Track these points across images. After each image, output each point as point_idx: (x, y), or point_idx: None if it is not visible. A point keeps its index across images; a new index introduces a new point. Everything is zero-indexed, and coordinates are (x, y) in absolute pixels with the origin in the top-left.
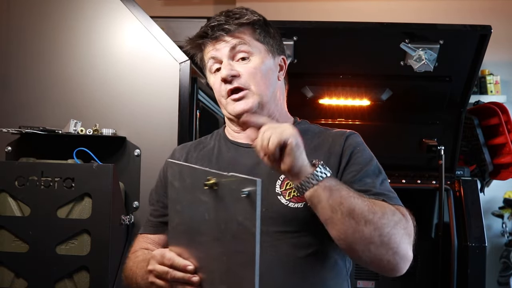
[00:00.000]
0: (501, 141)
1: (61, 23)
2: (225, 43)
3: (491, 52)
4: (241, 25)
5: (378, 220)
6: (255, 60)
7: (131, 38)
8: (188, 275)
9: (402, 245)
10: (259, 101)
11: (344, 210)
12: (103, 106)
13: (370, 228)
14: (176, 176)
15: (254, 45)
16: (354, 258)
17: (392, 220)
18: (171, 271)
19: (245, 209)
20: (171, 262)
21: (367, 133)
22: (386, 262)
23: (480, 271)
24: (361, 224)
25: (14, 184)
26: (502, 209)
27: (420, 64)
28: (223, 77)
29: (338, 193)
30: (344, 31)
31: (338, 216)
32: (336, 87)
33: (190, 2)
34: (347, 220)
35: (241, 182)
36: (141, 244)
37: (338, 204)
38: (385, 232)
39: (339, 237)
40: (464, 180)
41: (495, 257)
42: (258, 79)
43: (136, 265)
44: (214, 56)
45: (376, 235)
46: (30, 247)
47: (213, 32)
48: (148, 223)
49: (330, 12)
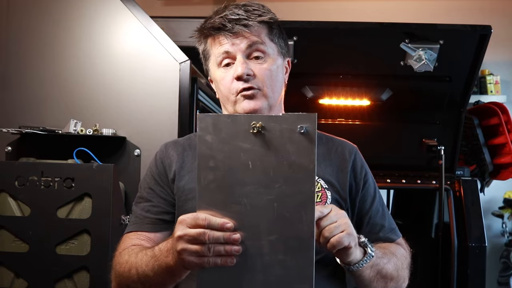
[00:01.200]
0: (501, 141)
1: (61, 23)
2: (243, 39)
3: (491, 52)
4: (261, 23)
5: (400, 274)
6: (269, 61)
7: (131, 38)
8: (228, 233)
9: (406, 280)
10: (268, 103)
11: (379, 277)
12: (103, 106)
13: (393, 282)
14: (208, 129)
15: (269, 45)
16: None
17: (406, 265)
18: (208, 232)
19: (301, 147)
20: (207, 221)
21: (367, 133)
22: None
23: (480, 271)
24: (388, 281)
25: (14, 184)
26: (502, 209)
27: (420, 64)
28: (239, 74)
29: (378, 267)
30: (344, 31)
31: (373, 284)
32: (336, 87)
33: (190, 2)
34: (379, 283)
35: (296, 119)
36: (132, 241)
37: (376, 275)
38: (401, 281)
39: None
40: (464, 180)
41: (495, 257)
42: (270, 81)
43: (135, 256)
44: (228, 51)
45: (394, 285)
46: (30, 247)
47: (232, 26)
48: (143, 220)
49: (330, 12)
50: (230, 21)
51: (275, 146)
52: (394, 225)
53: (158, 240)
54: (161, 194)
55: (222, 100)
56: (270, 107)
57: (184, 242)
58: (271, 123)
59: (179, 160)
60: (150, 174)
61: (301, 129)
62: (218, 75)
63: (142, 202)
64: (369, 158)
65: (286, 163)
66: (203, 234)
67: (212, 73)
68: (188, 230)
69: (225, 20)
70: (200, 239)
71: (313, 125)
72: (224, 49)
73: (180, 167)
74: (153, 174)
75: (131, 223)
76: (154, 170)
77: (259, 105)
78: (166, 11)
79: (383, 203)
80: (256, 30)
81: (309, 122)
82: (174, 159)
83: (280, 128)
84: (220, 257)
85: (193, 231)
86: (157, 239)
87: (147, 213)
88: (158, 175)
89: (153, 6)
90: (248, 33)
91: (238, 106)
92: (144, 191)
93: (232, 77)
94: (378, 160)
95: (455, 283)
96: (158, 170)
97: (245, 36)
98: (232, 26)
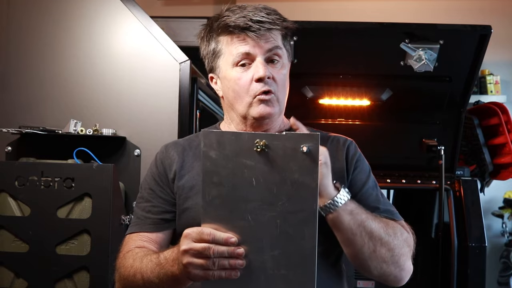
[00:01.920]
0: (501, 141)
1: (61, 23)
2: (266, 42)
3: (491, 52)
4: (281, 28)
5: (392, 241)
6: (283, 66)
7: (131, 38)
8: (232, 247)
9: (407, 261)
10: (279, 109)
11: (363, 233)
12: (103, 106)
13: (385, 249)
14: (213, 146)
15: (284, 50)
16: (363, 271)
17: (402, 240)
18: (213, 247)
19: (304, 165)
20: (212, 236)
21: (367, 133)
22: (393, 277)
23: (480, 271)
24: (378, 245)
25: (14, 184)
26: (502, 209)
27: (420, 64)
28: (261, 76)
29: (359, 216)
30: (344, 31)
31: (357, 238)
32: (336, 87)
33: (190, 2)
34: (366, 242)
35: (299, 138)
36: (135, 243)
37: (358, 227)
38: (396, 252)
39: (356, 256)
40: (464, 180)
41: (495, 257)
42: (283, 86)
43: (140, 261)
44: (249, 52)
45: (389, 255)
46: (30, 247)
47: (258, 27)
48: (145, 221)
49: (330, 12)
50: (255, 22)
51: (278, 164)
52: (393, 209)
53: (160, 240)
54: (161, 195)
55: (232, 100)
56: (280, 112)
57: (189, 256)
58: (275, 142)
59: (179, 160)
60: (151, 175)
61: (304, 149)
62: (233, 74)
63: (142, 202)
64: (369, 158)
65: (289, 181)
66: (208, 248)
67: (224, 71)
68: (193, 245)
69: (249, 21)
70: (205, 253)
71: (315, 145)
72: (245, 49)
73: (181, 166)
74: (154, 175)
75: (133, 223)
76: (155, 170)
77: (274, 111)
78: (166, 11)
79: (380, 192)
80: (276, 35)
81: (311, 142)
82: (175, 160)
83: (283, 147)
84: (224, 270)
85: (198, 246)
86: (159, 239)
87: (148, 213)
88: (158, 175)
89: (153, 6)
90: (271, 37)
91: (253, 109)
92: (145, 192)
93: (251, 78)
94: (378, 160)
95: (455, 283)
96: (158, 171)
97: (268, 40)
98: (258, 27)
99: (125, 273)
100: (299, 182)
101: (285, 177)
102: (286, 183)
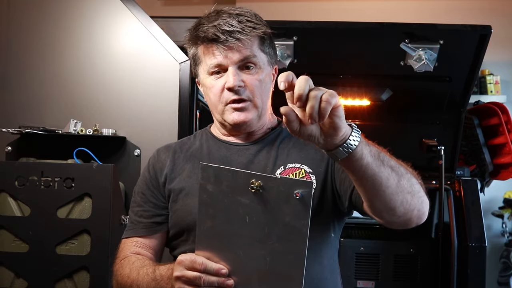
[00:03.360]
0: (501, 141)
1: (61, 23)
2: (235, 52)
3: (491, 52)
4: (254, 36)
5: (406, 171)
6: (259, 71)
7: (131, 38)
8: (222, 278)
9: (423, 192)
10: (257, 114)
11: (385, 163)
12: (103, 106)
13: (405, 179)
14: (210, 179)
15: (260, 56)
16: (387, 214)
17: (410, 170)
18: (204, 276)
19: (295, 211)
20: (204, 266)
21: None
22: (416, 212)
23: (480, 271)
24: (399, 174)
25: (14, 184)
26: (502, 209)
27: (420, 64)
28: (230, 86)
29: (374, 148)
30: (344, 31)
31: (382, 170)
32: (336, 87)
33: (190, 2)
34: (390, 173)
35: (293, 184)
36: (130, 249)
37: (378, 159)
38: (413, 181)
39: (383, 193)
40: (464, 180)
41: (495, 257)
42: (260, 91)
43: (136, 272)
44: (221, 63)
45: (409, 185)
46: (30, 247)
47: (226, 38)
48: (137, 225)
49: (330, 12)
50: (223, 33)
51: (271, 205)
52: None
53: (154, 245)
54: (152, 199)
55: (210, 106)
56: (259, 117)
57: (181, 283)
58: (269, 184)
59: (170, 163)
60: (143, 179)
61: (297, 195)
62: (209, 82)
63: (135, 207)
64: None
65: (281, 223)
66: (199, 278)
67: (202, 78)
68: (185, 272)
69: (218, 31)
70: (196, 282)
71: (309, 191)
72: (217, 61)
73: (171, 170)
74: (146, 180)
75: (127, 228)
76: (147, 175)
77: (249, 117)
78: (166, 11)
79: None
80: (248, 43)
81: (305, 188)
82: (166, 163)
83: (278, 190)
84: None
85: (190, 274)
86: (153, 244)
87: (140, 217)
88: (150, 180)
89: (153, 6)
90: (241, 47)
91: (227, 116)
92: (138, 196)
93: (222, 86)
94: None
95: (455, 283)
96: (150, 175)
97: (238, 50)
98: (226, 38)
99: (122, 281)
100: (291, 225)
101: (277, 218)
102: (278, 224)
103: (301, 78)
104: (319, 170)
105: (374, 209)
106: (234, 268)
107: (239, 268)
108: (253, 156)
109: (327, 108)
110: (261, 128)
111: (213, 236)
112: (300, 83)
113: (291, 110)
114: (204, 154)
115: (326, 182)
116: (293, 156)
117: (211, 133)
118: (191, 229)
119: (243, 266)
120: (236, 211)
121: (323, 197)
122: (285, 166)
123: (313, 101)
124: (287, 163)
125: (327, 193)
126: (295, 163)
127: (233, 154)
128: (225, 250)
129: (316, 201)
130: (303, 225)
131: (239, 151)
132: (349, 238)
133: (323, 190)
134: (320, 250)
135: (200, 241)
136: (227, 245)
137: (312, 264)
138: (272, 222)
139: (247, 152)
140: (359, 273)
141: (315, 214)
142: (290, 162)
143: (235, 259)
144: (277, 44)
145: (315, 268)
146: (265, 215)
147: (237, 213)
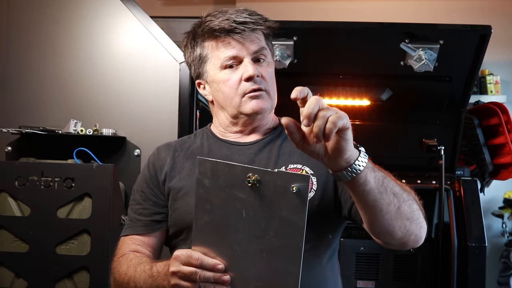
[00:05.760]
0: (501, 141)
1: (61, 23)
2: (251, 42)
3: (491, 52)
4: (265, 28)
5: (407, 197)
6: (269, 64)
7: (131, 38)
8: (218, 274)
9: (422, 217)
10: (271, 105)
11: (388, 190)
12: (103, 106)
13: (406, 206)
14: (207, 174)
15: (268, 50)
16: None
17: (412, 196)
18: (200, 271)
19: (292, 205)
20: (199, 261)
21: (367, 133)
22: (413, 236)
23: (480, 271)
24: (401, 201)
25: (14, 184)
26: (502, 209)
27: (420, 64)
28: (251, 75)
29: (379, 173)
30: (344, 31)
31: (384, 196)
32: (336, 87)
33: (190, 2)
34: (391, 200)
35: (290, 178)
36: (129, 247)
37: (382, 185)
38: (414, 208)
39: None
40: (464, 180)
41: (495, 257)
42: (272, 84)
43: (134, 269)
44: (237, 55)
45: (409, 212)
46: (30, 247)
47: (243, 28)
48: (136, 223)
49: (330, 12)
50: (239, 24)
51: (268, 199)
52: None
53: (153, 243)
54: (151, 197)
55: (222, 101)
56: (271, 108)
57: (177, 278)
58: (266, 178)
59: (170, 161)
60: (143, 177)
61: (294, 189)
62: (223, 76)
63: (134, 204)
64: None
65: (278, 218)
66: (195, 273)
67: (212, 75)
68: (181, 267)
69: (233, 22)
70: (192, 277)
71: (305, 185)
72: (233, 53)
73: (171, 168)
74: (145, 178)
75: (126, 226)
76: (146, 173)
77: (266, 105)
78: (166, 11)
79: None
80: (260, 36)
81: (302, 182)
82: (166, 162)
83: (275, 184)
84: None
85: (186, 269)
86: (152, 242)
87: (139, 215)
88: (150, 178)
89: (153, 6)
90: (257, 38)
91: (245, 106)
92: (137, 194)
93: (239, 78)
94: (378, 160)
95: (455, 283)
96: (150, 174)
97: (253, 41)
98: (243, 28)
99: (119, 279)
100: (287, 219)
101: (274, 213)
102: (275, 219)
103: (313, 98)
104: (320, 173)
105: (372, 230)
106: (230, 263)
107: (236, 264)
108: (254, 155)
109: (332, 129)
110: (266, 125)
111: (210, 231)
112: (310, 102)
113: (291, 122)
114: (205, 153)
115: (327, 185)
116: (295, 157)
117: (211, 132)
118: (190, 228)
119: (239, 262)
120: (232, 205)
121: (323, 200)
122: (287, 166)
123: (320, 120)
124: (289, 163)
125: (327, 196)
126: (296, 164)
127: (234, 154)
128: (222, 245)
129: (316, 203)
130: (300, 219)
131: (240, 151)
132: (349, 238)
133: (324, 193)
134: (320, 250)
135: (197, 236)
136: (224, 240)
137: (312, 264)
138: (269, 216)
139: (248, 152)
140: (359, 273)
141: (315, 215)
142: (291, 163)
143: (232, 254)
144: (277, 44)
145: (315, 268)
146: (262, 209)
147: (234, 208)
